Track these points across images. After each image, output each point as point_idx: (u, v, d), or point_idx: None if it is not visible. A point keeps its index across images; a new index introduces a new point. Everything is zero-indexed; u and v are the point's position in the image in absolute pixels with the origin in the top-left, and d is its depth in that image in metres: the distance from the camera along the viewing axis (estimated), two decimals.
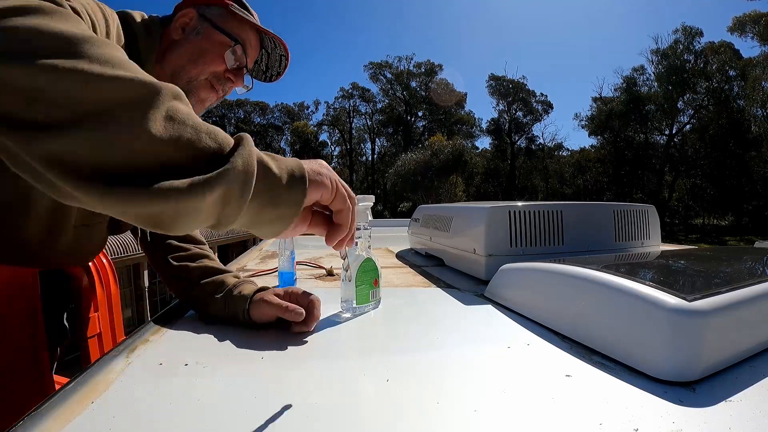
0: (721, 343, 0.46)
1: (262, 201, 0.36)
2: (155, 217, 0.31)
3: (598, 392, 0.42)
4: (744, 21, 21.13)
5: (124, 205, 0.29)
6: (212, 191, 0.31)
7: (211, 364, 0.49)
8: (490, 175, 28.22)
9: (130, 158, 0.29)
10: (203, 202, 0.31)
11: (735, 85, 22.07)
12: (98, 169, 0.28)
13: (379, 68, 31.11)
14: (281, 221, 0.38)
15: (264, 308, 0.60)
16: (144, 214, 0.30)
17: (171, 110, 0.31)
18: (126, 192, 0.28)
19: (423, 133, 30.89)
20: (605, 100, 26.07)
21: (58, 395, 0.40)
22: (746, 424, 0.36)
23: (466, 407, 0.39)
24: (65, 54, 0.29)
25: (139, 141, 0.29)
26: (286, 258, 0.89)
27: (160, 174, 0.30)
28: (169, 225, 0.32)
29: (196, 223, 0.33)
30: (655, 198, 22.08)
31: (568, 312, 0.58)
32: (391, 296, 0.81)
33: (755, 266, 0.76)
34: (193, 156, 0.31)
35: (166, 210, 0.30)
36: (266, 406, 0.40)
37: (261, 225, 0.38)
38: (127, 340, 0.57)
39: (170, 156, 0.30)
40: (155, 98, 0.30)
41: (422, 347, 0.56)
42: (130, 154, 0.29)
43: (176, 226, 0.32)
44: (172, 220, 0.31)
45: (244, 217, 0.35)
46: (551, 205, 0.98)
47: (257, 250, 1.62)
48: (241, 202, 0.34)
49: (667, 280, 0.62)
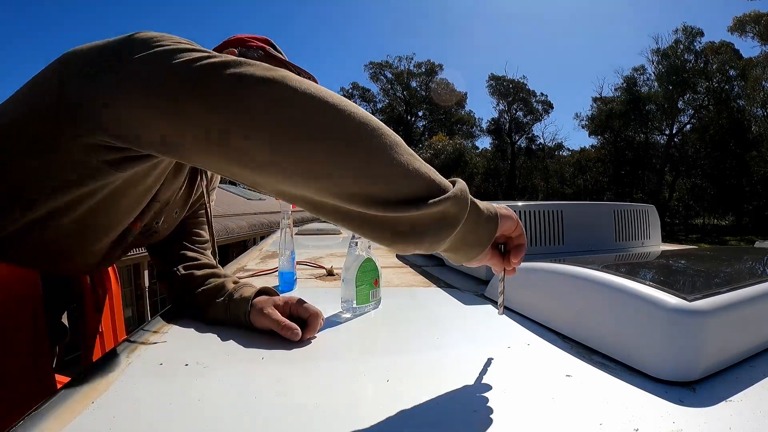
0: (722, 343, 0.46)
1: (469, 227, 0.43)
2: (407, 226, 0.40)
3: (598, 392, 0.42)
4: (744, 21, 21.14)
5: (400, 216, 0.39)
6: (438, 206, 0.39)
7: (212, 364, 0.49)
8: (490, 175, 28.22)
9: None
10: (431, 216, 0.40)
11: (735, 85, 22.07)
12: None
13: (380, 68, 31.12)
14: (479, 246, 0.45)
15: (263, 319, 0.60)
16: (405, 221, 0.39)
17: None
18: (402, 209, 0.39)
19: (423, 133, 30.90)
20: (605, 100, 26.07)
21: (59, 395, 0.41)
22: (746, 424, 0.36)
23: (466, 407, 0.39)
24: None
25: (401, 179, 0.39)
26: (287, 258, 0.89)
27: (414, 199, 0.39)
28: (407, 233, 0.40)
29: (420, 235, 0.40)
30: (655, 198, 22.07)
31: (568, 312, 0.58)
32: (391, 296, 0.81)
33: (755, 266, 0.76)
34: (430, 187, 0.41)
35: (412, 220, 0.39)
36: (266, 406, 0.40)
37: (463, 248, 0.45)
38: (127, 340, 0.57)
39: (419, 188, 0.40)
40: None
41: (422, 347, 0.56)
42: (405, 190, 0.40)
43: (410, 234, 0.40)
44: (410, 229, 0.40)
45: (455, 237, 0.43)
46: (551, 205, 0.98)
47: (257, 250, 1.62)
48: (456, 221, 0.41)
49: (668, 280, 0.62)
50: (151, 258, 0.81)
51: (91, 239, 0.66)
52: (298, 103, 0.37)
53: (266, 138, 0.37)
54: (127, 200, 0.62)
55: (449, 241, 0.43)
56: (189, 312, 0.70)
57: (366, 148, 0.38)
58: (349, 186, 0.38)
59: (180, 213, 0.78)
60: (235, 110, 0.37)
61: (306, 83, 0.38)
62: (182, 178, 0.71)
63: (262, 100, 0.37)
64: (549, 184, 27.64)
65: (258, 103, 0.37)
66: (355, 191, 0.38)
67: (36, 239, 0.58)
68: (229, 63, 0.38)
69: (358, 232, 0.42)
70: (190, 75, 0.38)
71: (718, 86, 22.31)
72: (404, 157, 0.39)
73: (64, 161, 0.48)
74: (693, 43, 23.19)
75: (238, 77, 0.37)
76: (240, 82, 0.37)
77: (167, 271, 0.76)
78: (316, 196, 0.40)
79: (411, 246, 0.41)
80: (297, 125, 0.37)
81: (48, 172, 0.50)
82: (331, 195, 0.39)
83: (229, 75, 0.37)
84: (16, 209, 0.53)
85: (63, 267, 0.69)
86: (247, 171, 0.39)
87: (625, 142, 24.68)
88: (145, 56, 0.41)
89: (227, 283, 0.70)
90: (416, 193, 0.39)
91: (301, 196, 0.40)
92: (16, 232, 0.55)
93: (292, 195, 0.41)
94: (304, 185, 0.39)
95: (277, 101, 0.37)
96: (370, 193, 0.38)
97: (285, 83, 0.37)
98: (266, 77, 0.37)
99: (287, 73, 0.39)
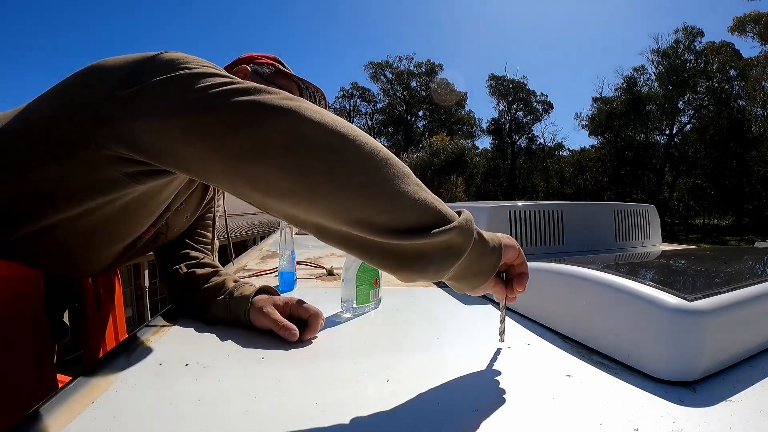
0: (722, 343, 0.46)
1: (474, 257, 0.44)
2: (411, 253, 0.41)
3: (598, 392, 0.42)
4: (744, 21, 21.12)
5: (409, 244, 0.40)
6: (443, 236, 0.40)
7: (212, 364, 0.49)
8: (490, 175, 28.19)
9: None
10: (436, 246, 0.40)
11: (735, 85, 22.06)
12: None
13: (380, 68, 31.09)
14: (483, 275, 0.46)
15: (262, 318, 0.60)
16: (411, 250, 0.40)
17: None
18: (411, 237, 0.39)
19: (423, 133, 30.87)
20: (605, 100, 26.04)
21: (59, 394, 0.41)
22: (746, 424, 0.36)
23: (466, 407, 0.39)
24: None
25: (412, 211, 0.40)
26: (287, 258, 0.89)
27: (420, 228, 0.40)
28: (412, 261, 0.41)
29: (425, 263, 0.41)
30: (655, 198, 22.05)
31: (568, 312, 0.58)
32: (391, 296, 0.81)
33: (755, 266, 0.76)
34: (436, 217, 0.41)
35: (418, 248, 0.40)
36: (266, 406, 0.40)
37: (467, 277, 0.45)
38: (127, 340, 0.57)
39: (425, 217, 0.41)
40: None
41: (422, 347, 0.56)
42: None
43: (415, 262, 0.41)
44: (415, 257, 0.40)
45: (460, 267, 0.43)
46: (552, 205, 0.98)
47: (257, 250, 1.62)
48: (461, 251, 0.42)
49: (668, 280, 0.62)
50: (155, 257, 0.82)
51: (103, 246, 0.67)
52: (312, 132, 0.39)
53: (279, 165, 0.38)
54: (145, 211, 0.63)
55: (454, 270, 0.43)
56: (189, 312, 0.70)
57: (374, 177, 0.39)
58: (356, 213, 0.39)
59: (191, 217, 0.79)
60: (252, 136, 0.39)
61: (321, 113, 0.40)
62: (195, 183, 0.73)
63: (278, 127, 0.39)
64: (549, 184, 27.62)
65: (274, 131, 0.39)
66: (361, 218, 0.39)
67: (47, 243, 0.58)
68: (250, 90, 0.40)
69: (365, 260, 0.43)
70: (212, 100, 0.40)
71: (718, 86, 22.30)
72: (411, 188, 0.40)
73: (85, 170, 0.49)
74: (693, 43, 23.17)
75: (258, 104, 0.40)
76: (259, 110, 0.39)
77: (170, 270, 0.76)
78: (324, 222, 0.41)
79: (415, 274, 0.41)
80: (310, 152, 0.39)
81: (68, 179, 0.51)
82: (338, 221, 0.40)
83: (249, 101, 0.40)
84: (33, 213, 0.53)
85: (69, 269, 0.70)
86: (258, 194, 0.41)
87: (625, 142, 24.66)
88: (172, 77, 0.43)
89: (228, 281, 0.70)
90: (422, 222, 0.40)
91: (311, 222, 0.42)
92: (28, 235, 0.55)
93: (301, 220, 0.42)
94: (314, 212, 0.40)
95: (293, 129, 0.39)
96: (376, 221, 0.39)
97: (301, 113, 0.39)
98: (284, 106, 0.40)
99: (303, 102, 0.41)
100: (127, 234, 0.67)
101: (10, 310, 0.54)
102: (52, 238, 0.58)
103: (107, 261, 0.72)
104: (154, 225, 0.70)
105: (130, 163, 0.48)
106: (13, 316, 0.54)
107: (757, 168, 20.29)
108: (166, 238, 0.77)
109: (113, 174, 0.50)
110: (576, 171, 26.84)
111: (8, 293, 0.54)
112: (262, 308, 0.60)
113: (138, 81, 0.44)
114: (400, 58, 31.02)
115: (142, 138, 0.44)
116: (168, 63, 0.45)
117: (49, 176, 0.50)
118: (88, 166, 0.49)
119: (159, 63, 0.45)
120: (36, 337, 0.58)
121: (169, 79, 0.43)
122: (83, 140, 0.47)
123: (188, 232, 0.82)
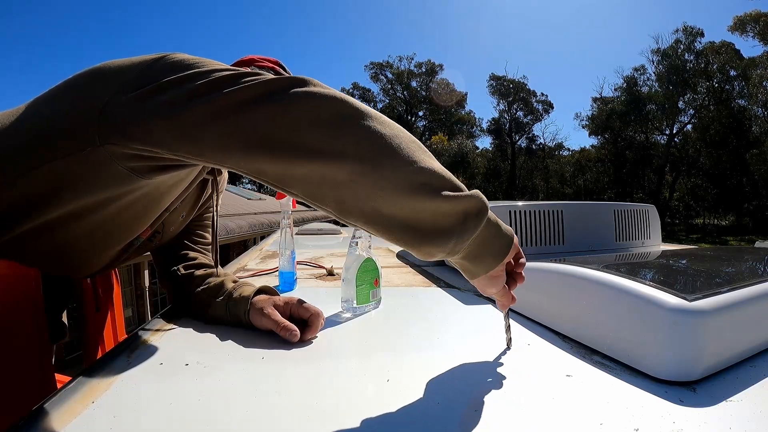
0: (722, 343, 0.46)
1: (488, 234, 0.45)
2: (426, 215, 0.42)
3: (598, 392, 0.42)
4: (745, 20, 21.11)
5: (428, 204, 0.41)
6: (461, 202, 0.42)
7: (212, 364, 0.49)
8: (490, 175, 28.19)
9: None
10: (453, 214, 0.42)
11: (736, 85, 22.05)
12: None
13: (380, 68, 31.08)
14: (497, 257, 0.47)
15: (262, 319, 0.60)
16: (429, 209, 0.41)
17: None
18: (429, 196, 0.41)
19: (424, 133, 30.86)
20: (606, 100, 26.03)
21: (59, 394, 0.41)
22: (746, 424, 0.36)
23: (466, 407, 0.39)
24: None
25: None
26: (287, 258, 0.89)
27: (439, 189, 0.42)
28: (431, 234, 0.42)
29: (445, 236, 0.42)
30: (655, 198, 22.05)
31: (568, 312, 0.58)
32: (391, 296, 0.81)
33: (756, 266, 0.76)
34: (453, 183, 0.44)
35: (436, 207, 0.41)
36: (266, 406, 0.40)
37: (482, 255, 0.46)
38: (127, 340, 0.57)
39: (445, 182, 0.43)
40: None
41: (422, 347, 0.56)
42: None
43: (434, 235, 0.42)
44: (434, 229, 0.42)
45: (476, 242, 0.44)
46: (552, 205, 0.98)
47: (257, 250, 1.62)
48: (478, 218, 0.43)
49: (668, 280, 0.62)
50: (153, 258, 0.82)
51: (103, 246, 0.67)
52: (347, 109, 0.43)
53: (332, 134, 0.41)
54: (146, 211, 0.63)
55: (469, 246, 0.44)
56: (189, 312, 0.70)
57: (406, 147, 0.42)
58: (395, 176, 0.41)
59: (187, 216, 0.79)
60: (282, 118, 0.41)
61: (336, 92, 0.44)
62: (191, 182, 0.72)
63: (321, 106, 0.42)
64: (549, 184, 27.63)
65: (319, 108, 0.42)
66: (398, 176, 0.41)
67: (47, 243, 0.58)
68: (269, 81, 0.43)
69: (385, 236, 0.44)
70: (234, 90, 0.42)
71: (718, 86, 22.29)
72: (432, 159, 0.44)
73: (91, 166, 0.50)
74: (693, 43, 23.16)
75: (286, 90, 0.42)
76: (278, 94, 0.42)
77: (168, 271, 0.76)
78: (355, 196, 0.42)
79: (435, 247, 0.43)
80: (353, 125, 0.42)
81: (74, 175, 0.51)
82: (372, 186, 0.41)
83: (269, 89, 0.42)
84: (35, 211, 0.53)
85: (68, 270, 0.70)
86: (281, 165, 0.42)
87: (625, 142, 24.66)
88: (181, 77, 0.44)
89: (226, 282, 0.70)
90: (442, 185, 0.42)
91: (334, 196, 0.43)
92: (28, 234, 0.55)
93: (322, 194, 0.43)
94: (359, 183, 0.41)
95: (332, 107, 0.42)
96: (412, 180, 0.41)
97: (331, 94, 0.43)
98: (317, 92, 0.43)
99: (313, 81, 0.44)
100: (127, 234, 0.67)
101: (10, 310, 0.54)
102: (52, 238, 0.58)
103: (105, 261, 0.72)
104: (152, 225, 0.70)
105: (138, 159, 0.49)
106: (12, 316, 0.54)
107: (758, 166, 20.28)
108: (162, 239, 0.77)
109: (119, 169, 0.50)
110: (576, 171, 26.85)
111: (7, 293, 0.54)
112: (262, 309, 0.60)
113: (149, 81, 0.45)
114: (400, 58, 31.05)
115: (158, 132, 0.45)
116: (178, 62, 0.46)
117: (54, 173, 0.50)
118: (94, 162, 0.49)
119: (168, 63, 0.47)
120: (35, 337, 0.58)
121: (179, 78, 0.44)
122: (90, 138, 0.47)
123: (187, 232, 0.81)
